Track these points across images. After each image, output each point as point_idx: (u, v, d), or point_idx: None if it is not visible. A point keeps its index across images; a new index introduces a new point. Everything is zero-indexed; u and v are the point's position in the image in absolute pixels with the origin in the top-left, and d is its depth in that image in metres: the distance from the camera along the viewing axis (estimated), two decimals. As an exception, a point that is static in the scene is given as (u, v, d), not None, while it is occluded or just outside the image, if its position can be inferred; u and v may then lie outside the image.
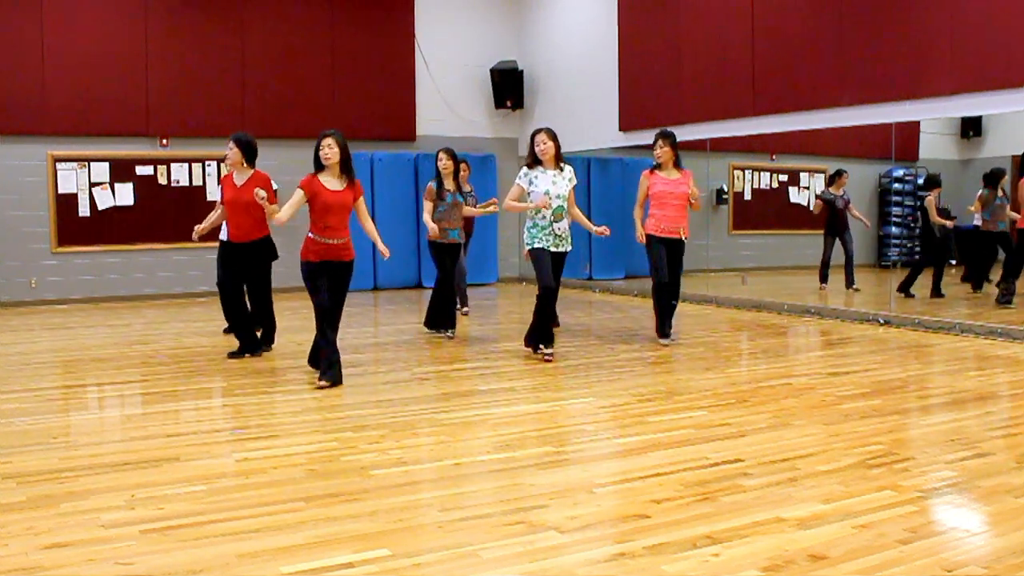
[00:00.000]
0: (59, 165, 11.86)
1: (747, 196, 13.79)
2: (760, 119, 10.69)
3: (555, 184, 7.23)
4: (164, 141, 12.40)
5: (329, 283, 6.40)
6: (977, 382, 6.71)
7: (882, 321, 9.43)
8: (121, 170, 12.16)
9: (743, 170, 13.71)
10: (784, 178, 13.90)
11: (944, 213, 11.68)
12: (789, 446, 4.75)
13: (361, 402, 5.88)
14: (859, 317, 9.71)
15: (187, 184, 12.52)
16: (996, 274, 10.83)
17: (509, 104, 14.29)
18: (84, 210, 12.01)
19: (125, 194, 12.21)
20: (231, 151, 7.54)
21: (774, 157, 13.70)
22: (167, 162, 12.41)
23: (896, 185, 13.73)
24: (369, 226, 6.70)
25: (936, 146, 12.96)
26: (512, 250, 14.35)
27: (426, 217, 8.57)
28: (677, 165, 8.00)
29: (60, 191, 11.87)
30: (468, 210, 8.98)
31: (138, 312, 11.17)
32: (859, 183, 13.43)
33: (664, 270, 7.98)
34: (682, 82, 11.58)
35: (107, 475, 4.32)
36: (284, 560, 3.25)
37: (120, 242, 12.21)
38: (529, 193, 7.27)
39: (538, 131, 7.35)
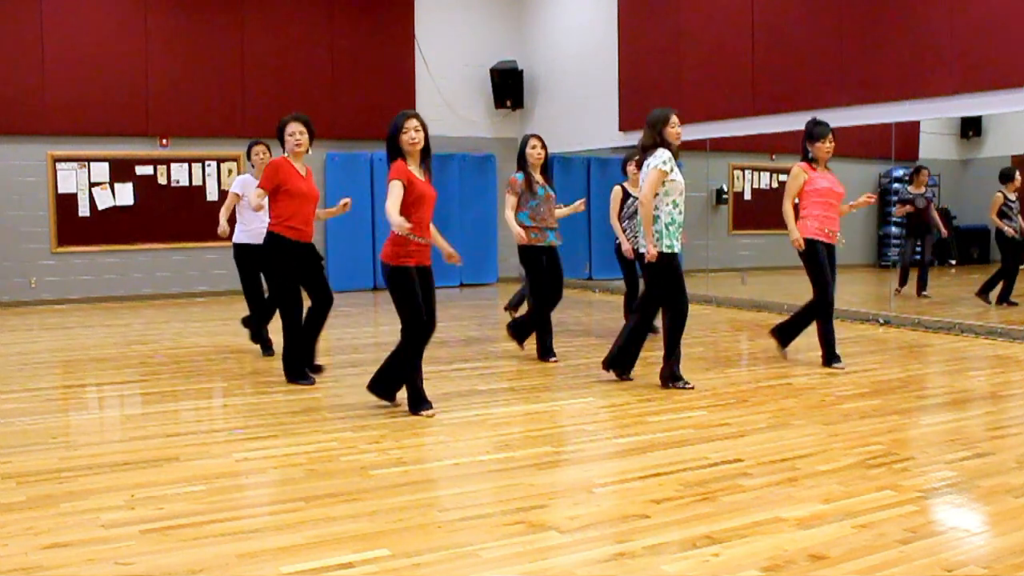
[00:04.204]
0: (59, 165, 11.86)
1: (747, 196, 13.78)
2: (760, 119, 10.69)
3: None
4: (164, 141, 12.40)
5: (423, 292, 5.51)
6: (977, 382, 6.71)
7: (882, 321, 9.43)
8: (121, 170, 12.16)
9: (743, 170, 13.71)
10: (784, 178, 13.88)
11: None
12: (789, 446, 4.75)
13: (361, 402, 5.87)
14: (859, 317, 9.71)
15: (187, 184, 12.52)
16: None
17: (509, 104, 14.29)
18: (84, 210, 12.00)
19: (125, 194, 12.21)
20: (301, 135, 6.46)
21: (774, 157, 13.70)
22: (167, 162, 12.41)
23: (896, 185, 13.72)
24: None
25: (936, 146, 12.96)
26: (512, 250, 14.32)
27: (509, 215, 7.21)
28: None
29: (60, 191, 11.88)
30: (560, 210, 7.55)
31: (137, 312, 11.17)
32: (859, 183, 13.42)
33: (832, 284, 6.94)
34: (682, 82, 11.58)
35: (107, 475, 4.32)
36: (284, 560, 3.25)
37: (119, 242, 12.21)
38: (668, 182, 6.10)
39: (672, 112, 6.27)
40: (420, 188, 5.48)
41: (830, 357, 7.02)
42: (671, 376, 6.28)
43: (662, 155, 6.12)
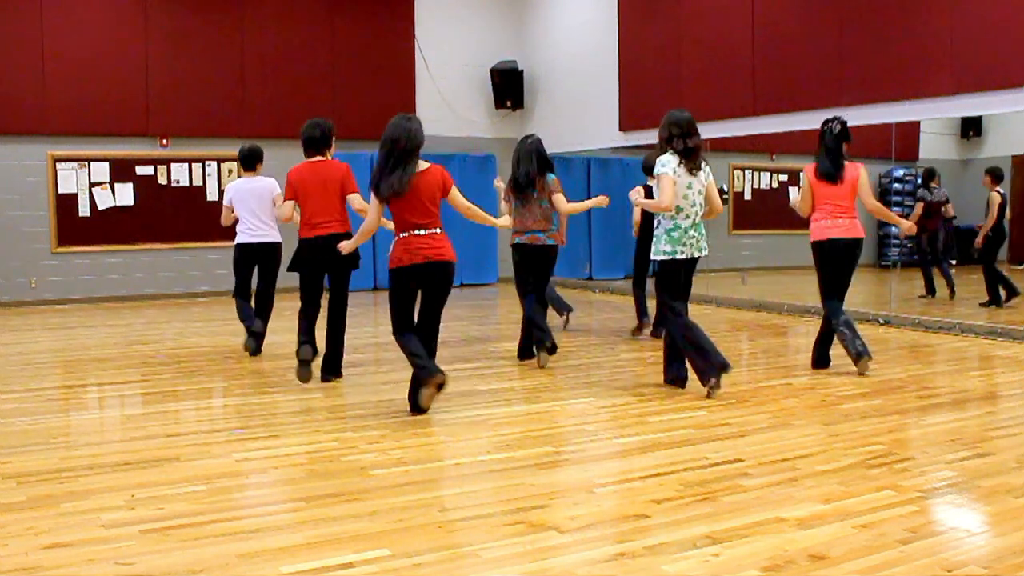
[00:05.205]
0: (59, 165, 11.87)
1: (747, 196, 13.79)
2: (760, 119, 10.69)
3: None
4: (164, 141, 12.40)
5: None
6: (977, 382, 6.71)
7: (882, 321, 9.43)
8: (121, 170, 12.17)
9: (743, 170, 13.71)
10: (784, 178, 13.91)
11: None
12: (789, 446, 4.75)
13: (361, 402, 5.88)
14: (859, 317, 9.70)
15: (187, 184, 12.53)
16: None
17: (509, 104, 14.29)
18: (84, 210, 12.01)
19: (125, 194, 12.21)
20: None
21: (774, 157, 13.71)
22: (167, 162, 12.42)
23: (896, 185, 13.72)
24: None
25: (936, 146, 12.96)
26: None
27: (578, 205, 7.43)
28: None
29: (60, 191, 11.88)
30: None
31: (138, 312, 11.18)
32: (859, 183, 13.41)
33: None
34: (682, 82, 11.58)
35: (107, 475, 4.32)
36: (284, 560, 3.25)
37: (120, 242, 12.22)
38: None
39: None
40: None
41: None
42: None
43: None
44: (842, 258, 6.71)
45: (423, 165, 5.50)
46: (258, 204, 7.72)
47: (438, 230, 5.50)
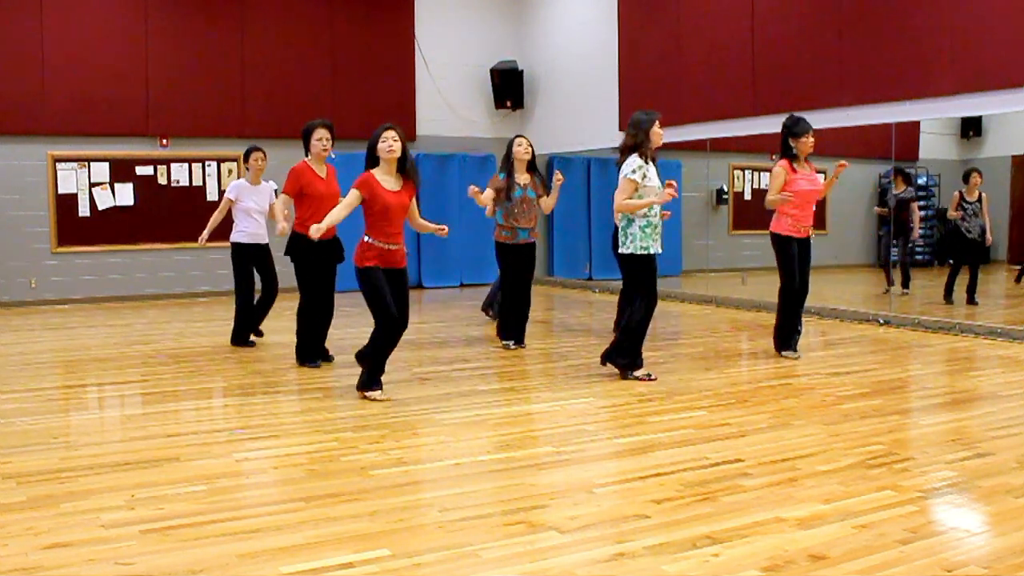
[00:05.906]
0: (59, 165, 11.86)
1: (747, 196, 13.78)
2: (760, 119, 10.69)
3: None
4: (164, 141, 12.40)
5: (392, 292, 5.95)
6: (977, 382, 6.71)
7: (882, 321, 9.43)
8: (121, 170, 12.16)
9: (743, 170, 13.71)
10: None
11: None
12: (789, 446, 4.75)
13: (361, 402, 5.88)
14: (859, 317, 9.71)
15: (187, 184, 12.52)
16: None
17: (509, 104, 14.28)
18: (84, 210, 12.00)
19: (125, 194, 12.21)
20: (328, 141, 6.91)
21: (774, 157, 13.69)
22: (167, 162, 12.41)
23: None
24: (422, 223, 6.22)
25: (936, 146, 12.96)
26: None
27: (487, 193, 7.73)
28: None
29: (60, 191, 11.87)
30: (545, 201, 8.02)
31: (139, 312, 11.17)
32: (859, 183, 13.43)
33: (796, 275, 7.27)
34: (682, 82, 11.59)
35: (107, 475, 4.32)
36: (284, 560, 3.25)
37: (120, 242, 12.21)
38: (642, 187, 6.32)
39: (655, 116, 6.42)
40: (386, 199, 5.83)
41: (783, 344, 7.34)
42: (631, 365, 6.50)
43: (632, 163, 6.34)
44: None
45: None
46: None
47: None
